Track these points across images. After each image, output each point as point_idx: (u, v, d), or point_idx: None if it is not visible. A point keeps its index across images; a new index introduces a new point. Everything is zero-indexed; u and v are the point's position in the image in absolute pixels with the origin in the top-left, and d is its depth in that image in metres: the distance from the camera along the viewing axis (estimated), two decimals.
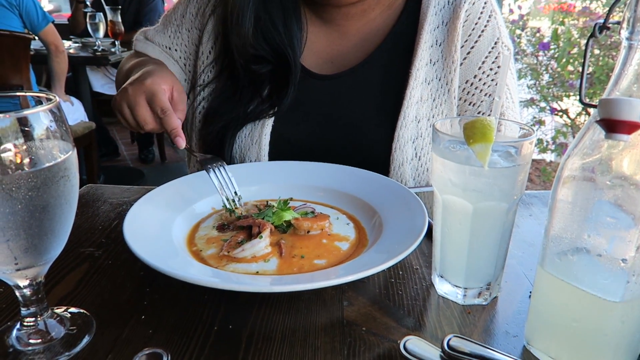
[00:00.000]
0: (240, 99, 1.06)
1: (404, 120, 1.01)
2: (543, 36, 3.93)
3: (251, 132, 1.06)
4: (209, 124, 1.09)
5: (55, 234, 0.51)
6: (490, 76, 1.04)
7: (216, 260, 0.72)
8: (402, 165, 1.02)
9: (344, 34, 1.09)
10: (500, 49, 1.04)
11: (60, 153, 0.52)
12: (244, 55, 1.05)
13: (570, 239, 0.53)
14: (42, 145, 0.50)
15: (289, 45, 1.05)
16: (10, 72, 2.85)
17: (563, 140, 3.50)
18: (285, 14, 1.06)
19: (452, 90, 1.04)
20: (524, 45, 4.09)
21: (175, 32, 1.16)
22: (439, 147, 0.62)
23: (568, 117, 3.73)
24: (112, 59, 3.52)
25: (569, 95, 3.71)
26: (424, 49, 1.03)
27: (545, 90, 3.59)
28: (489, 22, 1.04)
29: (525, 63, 3.98)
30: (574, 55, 3.39)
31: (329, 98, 1.07)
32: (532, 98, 3.77)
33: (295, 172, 0.97)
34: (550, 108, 3.57)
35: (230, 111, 1.06)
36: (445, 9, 1.05)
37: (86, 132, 3.31)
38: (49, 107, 0.50)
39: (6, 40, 2.78)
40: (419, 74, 1.02)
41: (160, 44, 1.17)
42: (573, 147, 0.51)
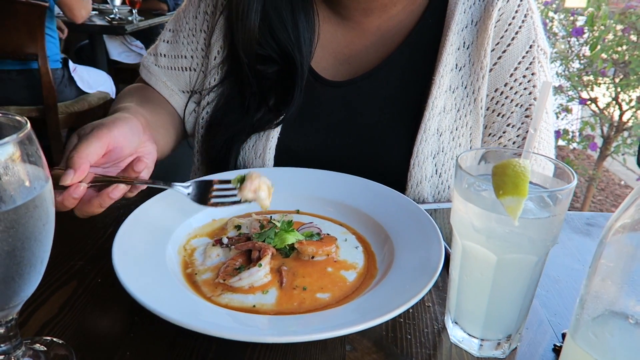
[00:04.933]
0: (247, 109, 0.98)
1: (425, 134, 0.92)
2: (577, 19, 3.74)
3: (255, 144, 0.98)
4: (213, 135, 1.01)
5: (24, 278, 0.46)
6: (523, 84, 0.94)
7: (210, 288, 0.66)
8: (421, 183, 0.93)
9: (362, 32, 0.99)
10: (536, 53, 0.93)
11: (32, 186, 0.46)
12: (250, 53, 0.96)
13: (610, 307, 0.46)
14: (8, 179, 0.44)
15: (297, 45, 0.95)
16: (26, 41, 2.79)
17: (590, 132, 3.35)
18: (295, 11, 0.96)
19: (478, 100, 0.94)
20: (555, 28, 3.90)
21: (188, 37, 1.07)
22: (462, 186, 0.55)
23: (597, 107, 3.57)
24: (128, 28, 3.44)
25: (599, 83, 3.54)
26: (450, 52, 0.92)
27: (575, 78, 3.42)
28: (525, 22, 0.93)
29: (555, 47, 3.80)
30: (609, 43, 3.21)
31: (342, 106, 0.98)
32: (560, 85, 3.60)
33: (304, 180, 0.91)
34: (580, 98, 3.41)
35: (235, 122, 0.98)
36: (475, 6, 0.94)
37: (101, 102, 3.27)
38: (19, 139, 0.43)
39: (22, 8, 2.71)
40: (443, 81, 0.92)
41: (165, 66, 1.08)
42: (622, 210, 0.44)
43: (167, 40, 1.09)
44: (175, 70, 1.08)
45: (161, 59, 1.09)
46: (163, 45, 1.09)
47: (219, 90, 1.03)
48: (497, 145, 0.97)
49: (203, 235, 0.79)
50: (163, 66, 1.08)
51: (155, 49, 1.10)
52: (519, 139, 0.96)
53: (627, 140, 3.28)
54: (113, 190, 0.71)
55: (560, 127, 3.61)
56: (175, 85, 1.09)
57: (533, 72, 0.94)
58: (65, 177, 0.67)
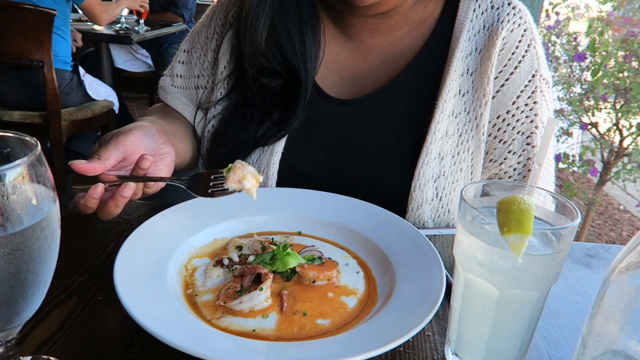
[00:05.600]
0: (250, 121, 0.99)
1: (426, 158, 0.93)
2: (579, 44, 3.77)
3: (259, 159, 0.99)
4: (217, 145, 1.02)
5: (27, 299, 0.46)
6: (524, 112, 0.95)
7: (211, 310, 0.66)
8: (422, 206, 0.94)
9: (368, 53, 1.01)
10: (538, 82, 0.94)
11: (40, 206, 0.46)
12: (255, 66, 0.97)
13: (612, 346, 0.46)
14: (17, 200, 0.44)
15: (302, 60, 0.97)
16: (33, 47, 2.81)
17: (591, 157, 3.36)
18: (302, 27, 0.97)
19: (480, 126, 0.95)
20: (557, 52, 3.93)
21: (200, 56, 1.09)
22: (466, 218, 0.55)
23: (597, 131, 3.59)
24: (134, 38, 3.47)
25: (600, 108, 3.56)
26: (454, 78, 0.93)
27: (576, 102, 3.44)
28: (528, 52, 0.94)
29: (557, 71, 3.83)
30: (611, 70, 3.23)
31: (345, 125, 0.99)
32: (561, 109, 3.63)
33: (307, 202, 0.91)
34: (580, 123, 3.43)
35: (239, 133, 0.99)
36: (480, 34, 0.95)
37: (104, 111, 3.28)
38: (29, 161, 0.44)
39: (29, 14, 2.74)
40: (446, 106, 0.93)
41: (180, 86, 1.11)
42: (627, 252, 0.44)
43: (182, 61, 1.11)
44: (190, 90, 1.11)
45: (177, 79, 1.12)
46: (178, 66, 1.12)
47: (224, 103, 1.04)
48: (499, 170, 0.98)
49: (204, 255, 0.78)
50: (179, 86, 1.12)
51: (172, 70, 1.13)
52: (519, 165, 0.97)
53: (627, 166, 3.29)
54: (123, 189, 0.75)
55: (561, 151, 3.62)
56: (190, 102, 1.11)
57: (535, 101, 0.95)
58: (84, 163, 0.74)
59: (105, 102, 3.31)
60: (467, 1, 0.96)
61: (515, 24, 0.94)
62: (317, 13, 0.99)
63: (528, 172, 0.96)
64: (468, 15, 0.95)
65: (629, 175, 3.19)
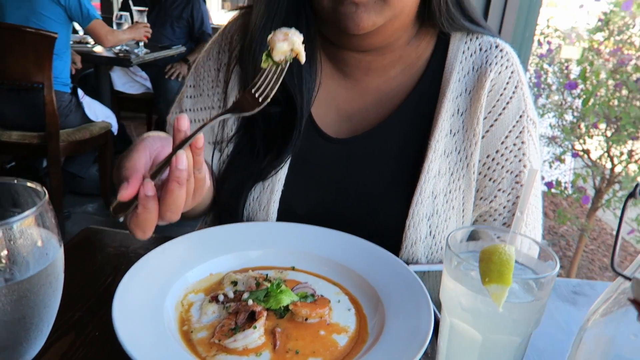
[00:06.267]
0: (256, 154, 1.01)
1: (420, 196, 0.96)
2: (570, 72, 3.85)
3: (259, 197, 1.02)
4: (224, 180, 1.04)
5: (31, 342, 0.48)
6: (513, 152, 0.99)
7: (206, 348, 0.68)
8: (415, 244, 0.96)
9: (363, 90, 1.04)
10: (525, 123, 0.98)
11: (45, 252, 0.49)
12: None
13: None
14: (24, 246, 0.47)
15: (298, 89, 0.99)
16: (33, 69, 2.85)
17: (582, 185, 3.41)
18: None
19: (471, 165, 0.98)
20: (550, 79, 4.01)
21: (212, 88, 1.09)
22: (451, 265, 0.58)
23: (589, 158, 3.64)
24: (134, 61, 3.52)
25: (592, 135, 3.63)
26: (445, 118, 0.97)
27: (568, 130, 3.51)
28: (515, 94, 0.98)
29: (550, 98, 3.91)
30: (601, 98, 3.31)
31: (342, 163, 1.02)
32: (554, 136, 3.69)
33: (301, 237, 0.93)
34: (572, 151, 3.48)
35: (244, 168, 1.01)
36: (469, 75, 0.99)
37: (102, 132, 3.32)
38: (38, 212, 0.46)
39: (31, 37, 2.78)
40: (438, 145, 0.97)
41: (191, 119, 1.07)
42: (601, 302, 0.47)
43: (190, 96, 1.12)
44: (201, 123, 1.09)
45: (186, 114, 1.09)
46: (186, 100, 1.12)
47: (235, 140, 1.06)
48: (489, 208, 1.01)
49: (200, 291, 0.81)
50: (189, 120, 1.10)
51: (180, 106, 1.12)
52: (509, 203, 1.00)
53: (617, 193, 3.34)
54: (178, 160, 0.63)
55: (553, 177, 3.67)
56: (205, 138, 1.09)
57: (523, 141, 0.99)
58: (122, 190, 0.62)
59: (103, 124, 3.35)
60: (457, 43, 1.01)
61: (502, 67, 0.98)
62: (314, 49, 1.03)
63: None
64: (458, 57, 1.00)
65: (619, 204, 3.23)
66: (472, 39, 1.01)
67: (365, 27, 0.89)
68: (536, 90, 3.85)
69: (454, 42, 1.01)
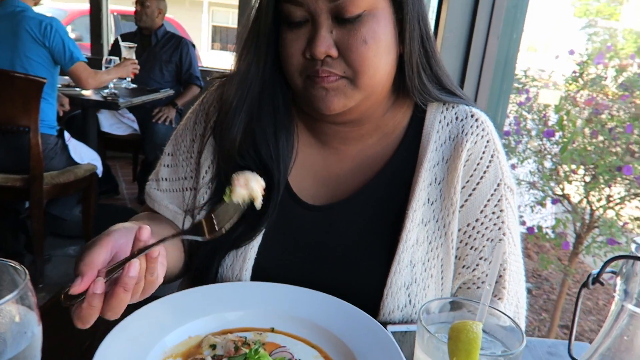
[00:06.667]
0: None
1: (399, 266, 0.97)
2: (549, 119, 3.98)
3: (232, 265, 1.02)
4: (197, 247, 1.05)
5: None
6: (492, 220, 1.01)
7: None
8: (393, 312, 0.97)
9: (341, 158, 1.07)
10: (503, 191, 1.01)
11: (24, 331, 0.50)
12: (229, 163, 1.02)
13: None
14: (2, 326, 0.48)
15: (275, 162, 1.02)
16: (20, 113, 2.87)
17: (562, 230, 3.47)
18: (277, 130, 1.03)
19: (449, 234, 1.00)
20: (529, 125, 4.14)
21: (186, 159, 1.12)
22: (423, 338, 0.59)
23: (569, 203, 3.72)
24: (122, 105, 3.55)
25: (570, 181, 3.72)
26: (422, 187, 1.00)
27: (547, 176, 3.60)
28: (492, 163, 1.01)
29: (529, 145, 4.02)
30: (578, 145, 3.41)
31: (318, 230, 1.04)
32: (534, 182, 3.77)
33: (281, 298, 0.94)
34: (552, 198, 3.56)
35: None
36: (446, 144, 1.02)
37: (87, 174, 3.31)
38: (19, 294, 0.48)
39: (20, 82, 2.82)
40: (415, 215, 0.99)
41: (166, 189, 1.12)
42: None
43: (167, 165, 1.14)
44: (177, 192, 1.12)
45: (162, 183, 1.13)
46: (164, 169, 1.14)
47: (208, 207, 1.08)
48: (472, 276, 1.02)
49: (178, 355, 0.81)
50: (165, 189, 1.13)
51: (157, 174, 1.15)
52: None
53: (597, 238, 3.40)
54: (130, 268, 0.69)
55: (534, 222, 3.73)
56: (178, 207, 1.12)
57: (501, 209, 1.01)
58: (74, 285, 0.68)
59: (88, 166, 3.35)
60: (434, 112, 1.04)
61: (478, 136, 1.02)
62: (291, 119, 1.07)
63: (499, 278, 1.00)
64: (434, 126, 1.03)
65: (598, 250, 3.29)
66: (448, 108, 1.05)
67: (335, 109, 0.93)
68: (516, 137, 3.97)
69: (430, 111, 1.04)
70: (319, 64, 0.91)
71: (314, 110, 0.96)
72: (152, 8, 4.34)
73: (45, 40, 3.01)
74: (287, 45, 0.94)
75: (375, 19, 0.91)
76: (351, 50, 0.90)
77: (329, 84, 0.92)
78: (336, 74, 0.91)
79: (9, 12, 3.00)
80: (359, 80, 0.92)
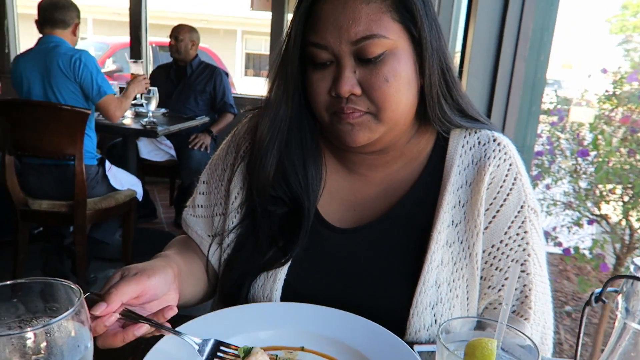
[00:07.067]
0: (259, 248, 1.08)
1: (424, 286, 1.00)
2: (583, 138, 3.91)
3: (263, 285, 1.07)
4: (228, 271, 1.11)
5: None
6: (517, 241, 1.03)
7: None
8: (419, 332, 1.00)
9: (367, 183, 1.12)
10: (527, 213, 1.03)
11: (77, 344, 0.56)
12: (263, 195, 1.08)
13: None
14: (60, 340, 0.54)
15: (305, 191, 1.07)
16: (66, 143, 3.04)
17: (600, 252, 3.38)
18: (306, 161, 1.09)
19: (474, 255, 1.03)
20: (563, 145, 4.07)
21: (217, 187, 1.19)
22: (442, 356, 0.63)
23: (607, 224, 3.63)
24: (160, 132, 3.70)
25: (608, 201, 3.63)
26: (446, 210, 1.03)
27: (582, 197, 3.53)
28: (514, 185, 1.04)
29: (563, 164, 3.96)
30: (613, 166, 3.35)
31: (346, 252, 1.08)
32: (569, 202, 3.70)
33: (311, 317, 0.98)
34: (588, 218, 3.49)
35: (248, 260, 1.08)
36: (469, 168, 1.05)
37: (127, 200, 3.46)
38: (75, 310, 0.54)
39: (66, 114, 2.99)
40: (440, 236, 1.02)
41: (201, 215, 1.19)
42: None
43: (202, 192, 1.22)
44: (209, 218, 1.19)
45: (198, 209, 1.21)
46: (199, 196, 1.22)
47: (237, 231, 1.14)
48: (497, 297, 1.04)
49: None
50: (199, 216, 1.20)
51: (193, 201, 1.23)
52: (517, 291, 1.04)
53: None
54: (138, 329, 0.80)
55: (571, 243, 3.65)
56: (207, 232, 1.19)
57: (525, 231, 1.03)
58: (97, 307, 0.77)
59: (128, 192, 3.50)
60: (456, 137, 1.08)
61: (501, 160, 1.04)
62: (319, 150, 1.13)
63: (525, 298, 1.02)
64: (457, 151, 1.07)
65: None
66: (470, 133, 1.08)
67: (361, 142, 0.99)
68: (550, 157, 3.91)
69: (453, 136, 1.08)
70: (344, 102, 0.97)
71: (340, 143, 1.02)
72: (185, 41, 4.53)
73: (75, 75, 3.13)
74: (314, 85, 1.00)
75: (396, 57, 0.97)
76: (374, 89, 0.96)
77: (354, 119, 0.97)
78: (360, 110, 0.97)
79: (44, 48, 3.16)
80: (382, 115, 0.98)
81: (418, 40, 0.99)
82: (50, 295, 0.60)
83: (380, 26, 0.95)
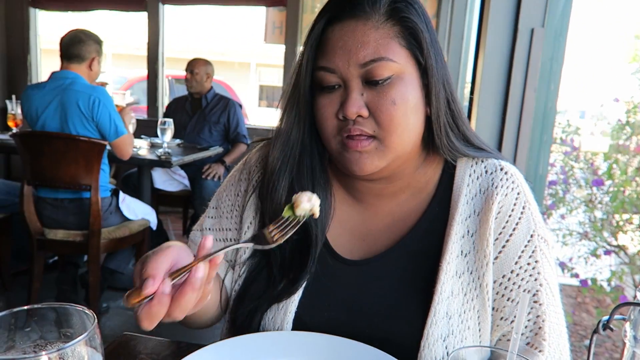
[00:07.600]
0: (272, 280, 1.08)
1: (435, 317, 0.99)
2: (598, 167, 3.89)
3: (274, 317, 1.07)
4: (240, 303, 1.11)
5: None
6: (528, 271, 1.01)
7: None
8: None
9: (375, 213, 1.12)
10: (537, 242, 1.02)
11: None
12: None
13: None
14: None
15: (313, 220, 1.05)
16: (82, 173, 3.10)
17: (619, 283, 3.31)
18: (315, 188, 1.09)
19: (484, 285, 1.01)
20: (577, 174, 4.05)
21: (230, 212, 1.20)
22: None
23: (626, 254, 3.56)
24: (175, 163, 3.76)
25: (625, 231, 3.57)
26: (455, 240, 1.02)
27: (597, 227, 3.48)
28: (523, 214, 1.03)
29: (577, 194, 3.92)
30: (629, 196, 3.31)
31: (356, 284, 1.07)
32: (585, 232, 3.65)
33: (322, 346, 0.98)
34: (605, 248, 3.43)
35: (260, 294, 1.08)
36: (477, 197, 1.05)
37: (141, 229, 3.50)
38: (88, 336, 0.55)
39: (83, 145, 3.06)
40: (449, 267, 1.01)
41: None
42: None
43: (211, 216, 1.22)
44: (220, 242, 1.19)
45: (206, 232, 1.21)
46: (208, 220, 1.22)
47: (249, 263, 1.14)
48: (511, 328, 1.02)
49: None
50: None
51: (201, 225, 1.23)
52: (530, 322, 1.02)
53: None
54: (197, 269, 0.75)
55: (589, 274, 3.58)
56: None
57: (536, 260, 1.01)
58: (147, 286, 0.72)
59: (142, 221, 3.53)
60: (463, 167, 1.08)
61: (508, 189, 1.04)
62: (327, 178, 1.13)
63: (539, 330, 1.00)
64: (465, 180, 1.07)
65: None
66: (477, 162, 1.08)
67: (368, 170, 1.00)
68: (564, 186, 3.89)
69: (460, 166, 1.08)
70: (350, 123, 0.98)
71: (348, 171, 1.03)
72: (200, 74, 4.65)
73: (93, 115, 3.16)
74: (322, 109, 1.02)
75: (403, 82, 0.98)
76: (381, 111, 0.97)
77: (362, 148, 0.99)
78: (367, 132, 0.98)
79: (59, 84, 3.18)
80: (389, 139, 0.98)
81: (424, 68, 1.00)
82: (65, 320, 0.61)
83: (388, 50, 0.97)
